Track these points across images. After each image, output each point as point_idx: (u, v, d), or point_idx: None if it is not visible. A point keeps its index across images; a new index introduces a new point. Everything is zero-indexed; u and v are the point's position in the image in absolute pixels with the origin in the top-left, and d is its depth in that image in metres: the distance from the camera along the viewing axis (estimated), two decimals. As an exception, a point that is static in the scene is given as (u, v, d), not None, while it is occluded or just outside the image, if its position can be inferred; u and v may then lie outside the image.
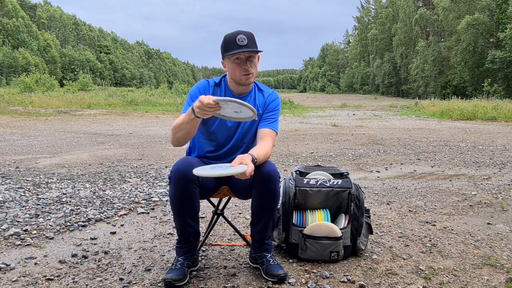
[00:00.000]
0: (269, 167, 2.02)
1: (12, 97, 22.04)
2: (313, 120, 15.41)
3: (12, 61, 54.29)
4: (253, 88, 2.25)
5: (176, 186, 1.96)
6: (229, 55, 2.07)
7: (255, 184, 2.02)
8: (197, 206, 2.04)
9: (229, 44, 2.07)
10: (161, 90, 33.42)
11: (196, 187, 1.99)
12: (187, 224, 2.04)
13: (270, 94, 2.28)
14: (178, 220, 2.05)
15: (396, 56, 55.79)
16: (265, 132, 2.17)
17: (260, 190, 2.03)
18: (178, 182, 1.96)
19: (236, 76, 2.11)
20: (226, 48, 2.08)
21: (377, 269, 2.24)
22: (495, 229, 2.96)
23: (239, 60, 2.07)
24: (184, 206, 2.00)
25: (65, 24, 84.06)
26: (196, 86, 2.22)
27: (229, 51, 2.06)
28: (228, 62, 2.11)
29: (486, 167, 5.63)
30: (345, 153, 6.87)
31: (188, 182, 1.95)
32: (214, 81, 2.23)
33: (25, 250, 2.48)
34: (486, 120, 15.27)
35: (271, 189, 2.03)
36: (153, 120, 14.38)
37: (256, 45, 2.09)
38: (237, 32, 2.07)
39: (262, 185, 2.02)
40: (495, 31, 34.97)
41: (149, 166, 5.49)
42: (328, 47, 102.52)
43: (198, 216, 2.09)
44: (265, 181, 2.00)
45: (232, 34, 2.09)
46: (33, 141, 8.06)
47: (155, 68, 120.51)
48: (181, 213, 2.02)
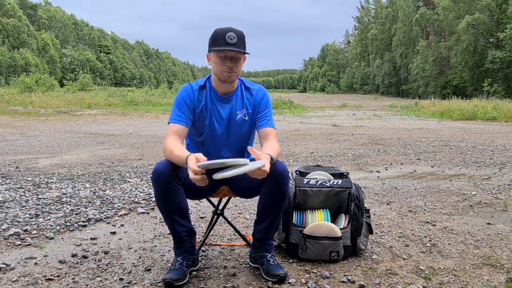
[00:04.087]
0: (281, 166, 2.02)
1: (12, 97, 22.03)
2: (313, 120, 15.40)
3: (11, 61, 54.29)
4: (239, 86, 2.24)
5: (158, 187, 1.97)
6: (215, 50, 2.05)
7: (266, 183, 2.02)
8: (183, 204, 2.03)
9: (217, 39, 2.05)
10: (161, 90, 33.43)
11: (178, 185, 1.99)
12: (176, 223, 2.04)
13: (257, 90, 2.26)
14: (167, 220, 2.05)
15: (396, 56, 55.78)
16: (268, 131, 2.18)
17: (271, 189, 2.03)
18: (159, 182, 1.96)
19: (219, 72, 2.10)
20: (214, 42, 2.06)
21: (377, 269, 2.24)
22: (495, 229, 2.96)
23: (225, 57, 2.06)
24: (169, 205, 2.00)
25: (65, 24, 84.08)
26: (180, 94, 2.17)
27: (216, 46, 2.04)
28: (213, 56, 2.09)
29: (486, 167, 5.63)
30: (345, 153, 6.87)
31: (169, 181, 1.95)
32: (198, 85, 2.19)
33: (25, 250, 2.48)
34: (486, 120, 15.27)
35: (282, 188, 2.03)
36: (153, 120, 14.38)
37: (244, 46, 2.08)
38: (228, 29, 2.05)
39: (273, 184, 2.02)
40: (495, 31, 34.97)
41: (149, 166, 5.49)
42: (328, 47, 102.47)
43: (188, 214, 2.08)
44: (276, 180, 2.00)
45: (222, 30, 2.06)
46: (33, 141, 8.06)
47: (155, 68, 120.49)
48: (168, 212, 2.02)
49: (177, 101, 2.15)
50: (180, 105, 2.13)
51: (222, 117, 2.18)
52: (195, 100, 2.16)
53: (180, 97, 2.16)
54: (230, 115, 2.19)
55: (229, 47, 2.02)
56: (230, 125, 2.20)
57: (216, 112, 2.18)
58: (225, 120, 2.19)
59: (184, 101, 2.14)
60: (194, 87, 2.18)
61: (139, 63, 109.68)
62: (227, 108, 2.19)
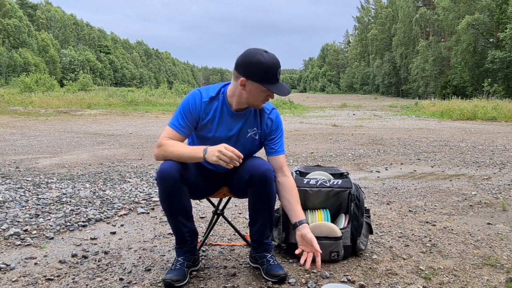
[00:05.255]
0: (264, 166, 2.00)
1: (12, 97, 22.05)
2: (313, 120, 15.40)
3: (10, 61, 54.27)
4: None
5: (163, 187, 1.95)
6: (265, 86, 1.90)
7: (251, 184, 2.01)
8: (188, 204, 2.02)
9: (270, 75, 1.89)
10: (161, 90, 33.40)
11: (183, 186, 1.97)
12: (180, 224, 2.03)
13: (271, 111, 2.13)
14: (171, 221, 2.04)
15: (396, 56, 55.81)
16: (281, 161, 2.11)
17: (256, 190, 2.02)
18: (164, 182, 1.94)
19: (254, 102, 1.98)
20: (266, 78, 1.89)
21: (377, 269, 2.24)
22: (495, 229, 2.96)
23: (269, 95, 1.96)
24: (174, 206, 1.99)
25: (66, 24, 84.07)
26: (187, 100, 2.03)
27: (268, 83, 1.90)
28: (254, 87, 1.91)
29: (486, 167, 5.63)
30: (345, 153, 6.87)
31: (174, 181, 1.93)
32: (209, 96, 2.02)
33: (25, 250, 2.48)
34: (486, 120, 15.27)
35: (267, 189, 2.01)
36: (153, 120, 14.38)
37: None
38: (278, 63, 1.91)
39: (257, 185, 2.00)
40: (495, 31, 34.97)
41: (149, 166, 5.49)
42: (328, 47, 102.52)
43: (191, 214, 2.08)
44: (260, 181, 1.99)
45: (274, 63, 1.89)
46: (33, 141, 8.06)
47: (155, 68, 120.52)
48: (172, 213, 2.01)
49: (183, 107, 2.04)
50: (185, 112, 2.02)
51: (230, 133, 2.06)
52: (201, 111, 2.02)
53: (187, 103, 2.02)
54: (240, 132, 2.07)
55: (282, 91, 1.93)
56: (238, 141, 2.08)
57: (225, 127, 2.05)
58: (233, 136, 2.07)
59: (189, 109, 2.01)
60: (204, 98, 2.02)
61: (139, 63, 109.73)
62: (238, 124, 2.06)
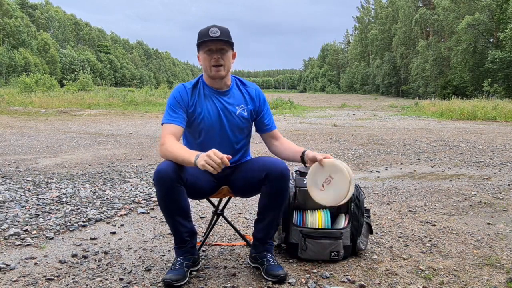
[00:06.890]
0: (282, 165, 2.04)
1: (12, 97, 22.04)
2: (313, 120, 15.40)
3: (10, 61, 54.27)
4: (233, 82, 2.25)
5: (160, 187, 1.96)
6: (201, 47, 2.09)
7: (267, 181, 2.03)
8: (186, 204, 2.03)
9: (202, 36, 2.09)
10: (161, 90, 33.42)
11: (181, 186, 1.97)
12: (179, 224, 2.03)
13: (255, 89, 2.29)
14: (169, 221, 2.05)
15: (396, 56, 55.77)
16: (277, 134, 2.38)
17: (272, 187, 2.04)
18: (161, 183, 1.94)
19: (207, 68, 2.12)
20: (199, 39, 2.10)
21: (377, 269, 2.24)
22: (495, 229, 2.96)
23: (210, 51, 2.09)
24: (171, 206, 1.99)
25: (65, 24, 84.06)
26: (172, 95, 2.16)
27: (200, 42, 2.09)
28: (201, 54, 2.13)
29: (486, 167, 5.63)
30: (345, 153, 6.87)
31: (171, 182, 1.94)
32: (191, 84, 2.20)
33: (25, 250, 2.48)
34: (486, 120, 15.26)
35: (282, 187, 2.04)
36: (153, 120, 14.38)
37: (229, 39, 2.11)
38: (211, 26, 2.11)
39: (275, 183, 2.02)
40: (495, 31, 34.96)
41: (149, 166, 5.49)
42: (328, 47, 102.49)
43: (190, 214, 2.08)
44: (278, 178, 2.02)
45: (206, 27, 2.12)
46: (33, 141, 8.06)
47: (155, 68, 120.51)
48: (170, 213, 2.01)
49: (170, 102, 2.14)
50: (173, 106, 2.12)
51: (217, 108, 2.16)
52: (188, 99, 2.15)
53: (172, 97, 2.15)
54: (227, 108, 2.18)
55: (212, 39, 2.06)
56: (228, 118, 2.17)
57: (211, 105, 2.16)
58: (221, 111, 2.16)
59: (176, 101, 2.13)
60: (187, 87, 2.18)
61: (139, 63, 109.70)
62: (223, 101, 2.18)
